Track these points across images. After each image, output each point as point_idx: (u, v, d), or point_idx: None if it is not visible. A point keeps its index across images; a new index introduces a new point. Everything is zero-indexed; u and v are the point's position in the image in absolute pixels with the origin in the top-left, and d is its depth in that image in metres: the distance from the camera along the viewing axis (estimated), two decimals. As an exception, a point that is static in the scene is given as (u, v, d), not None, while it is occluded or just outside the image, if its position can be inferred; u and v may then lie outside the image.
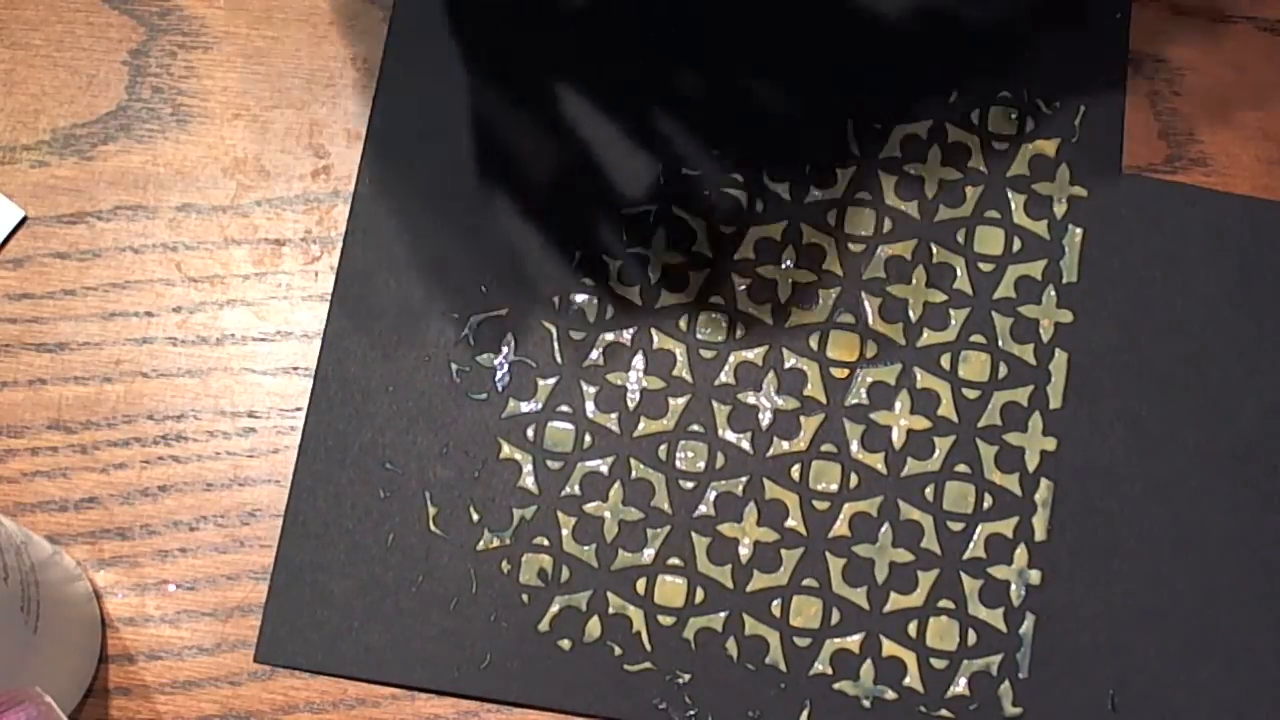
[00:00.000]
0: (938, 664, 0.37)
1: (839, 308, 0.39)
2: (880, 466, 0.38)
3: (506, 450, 0.38)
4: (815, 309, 0.39)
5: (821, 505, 0.38)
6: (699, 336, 0.39)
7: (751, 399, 0.39)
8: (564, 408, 0.38)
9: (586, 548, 0.38)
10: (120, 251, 0.40)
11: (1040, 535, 0.38)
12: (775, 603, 0.37)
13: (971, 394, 0.39)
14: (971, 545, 0.38)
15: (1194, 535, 0.38)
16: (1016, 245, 0.40)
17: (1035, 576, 0.38)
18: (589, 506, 0.38)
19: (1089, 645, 0.37)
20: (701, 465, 0.38)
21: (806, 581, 0.37)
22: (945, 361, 0.39)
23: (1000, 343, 0.39)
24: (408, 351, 0.39)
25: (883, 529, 0.38)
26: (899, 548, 0.38)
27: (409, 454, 0.38)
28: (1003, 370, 0.39)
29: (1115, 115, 0.41)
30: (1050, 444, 0.38)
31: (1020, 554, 0.38)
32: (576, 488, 0.38)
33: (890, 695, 0.37)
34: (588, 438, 0.38)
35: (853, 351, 0.39)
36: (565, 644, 0.37)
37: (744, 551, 0.38)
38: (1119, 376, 0.39)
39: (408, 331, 0.39)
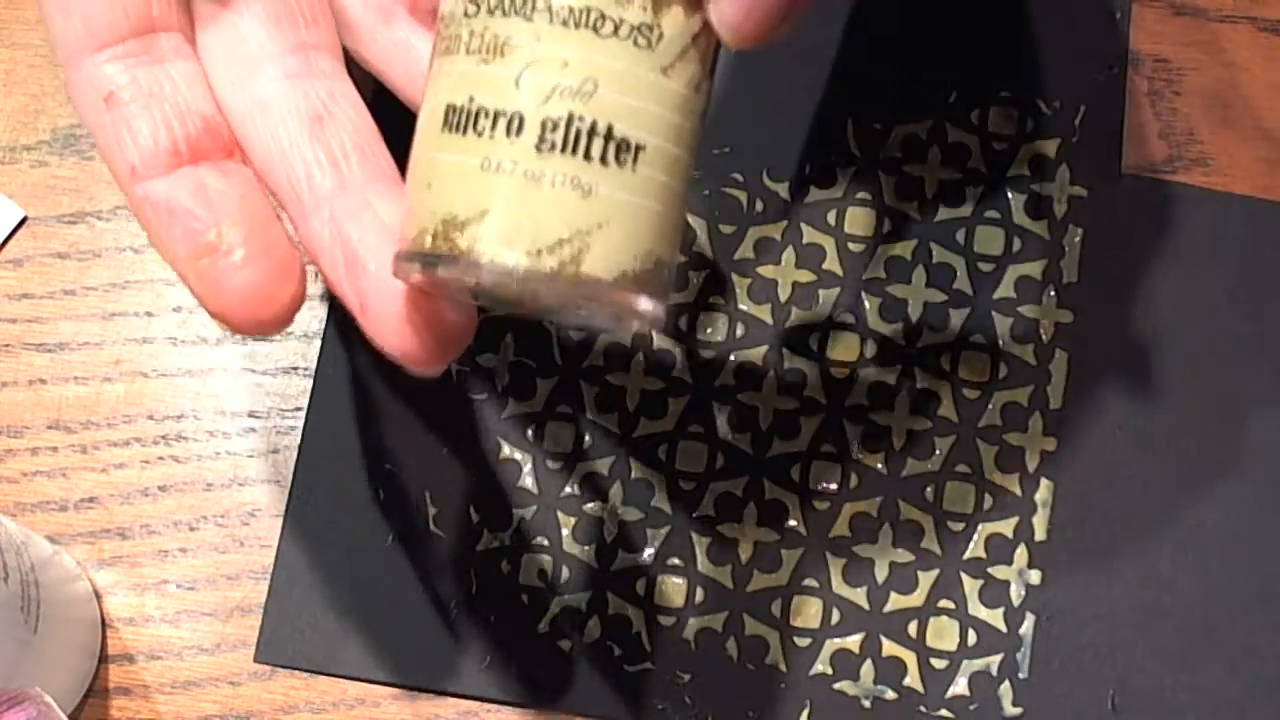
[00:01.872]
0: (938, 664, 0.37)
1: (839, 308, 0.39)
2: (880, 466, 0.38)
3: (506, 450, 0.38)
4: (815, 308, 0.39)
5: (821, 505, 0.38)
6: (699, 337, 0.39)
7: (752, 399, 0.39)
8: (564, 408, 0.38)
9: (586, 548, 0.38)
10: (120, 251, 0.40)
11: (1040, 535, 0.38)
12: (775, 603, 0.37)
13: (971, 394, 0.39)
14: (971, 545, 0.38)
15: (1194, 535, 0.38)
16: (1016, 245, 0.40)
17: (1035, 576, 0.38)
18: (589, 506, 0.38)
19: (1089, 645, 0.37)
20: (701, 465, 0.38)
21: (806, 581, 0.37)
22: (945, 361, 0.39)
23: (1000, 343, 0.39)
24: (408, 351, 0.39)
25: (883, 529, 0.38)
26: (899, 548, 0.38)
27: (409, 454, 0.38)
28: (1003, 370, 0.39)
29: (1115, 115, 0.41)
30: (1050, 444, 0.38)
31: (1020, 554, 0.38)
32: (576, 488, 0.38)
33: (890, 695, 0.37)
34: (588, 438, 0.38)
35: (853, 351, 0.39)
36: (565, 644, 0.37)
37: (744, 551, 0.38)
38: (1119, 376, 0.39)
39: (408, 331, 0.39)
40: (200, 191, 0.25)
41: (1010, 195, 0.40)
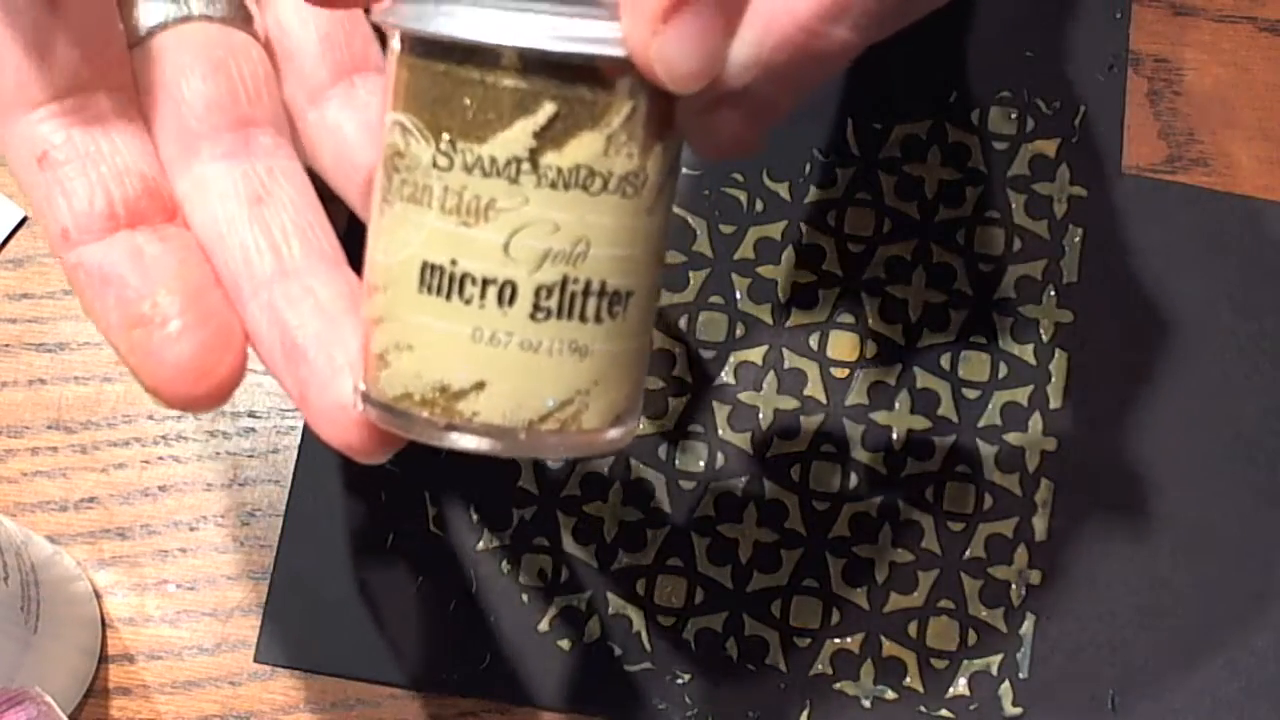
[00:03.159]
0: (938, 664, 0.37)
1: (839, 308, 0.39)
2: (880, 466, 0.38)
3: (506, 450, 0.38)
4: (815, 309, 0.39)
5: (821, 505, 0.38)
6: (699, 336, 0.39)
7: (752, 400, 0.39)
8: (564, 408, 0.38)
9: (586, 548, 0.38)
10: (120, 251, 0.40)
11: (1040, 535, 0.38)
12: (775, 603, 0.37)
13: (971, 394, 0.39)
14: (971, 545, 0.38)
15: (1194, 535, 0.38)
16: (1016, 245, 0.40)
17: (1035, 576, 0.38)
18: (589, 506, 0.38)
19: (1089, 645, 0.37)
20: (701, 465, 0.38)
21: (806, 581, 0.37)
22: (945, 361, 0.39)
23: (1000, 343, 0.39)
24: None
25: (883, 529, 0.38)
26: (899, 548, 0.38)
27: (409, 454, 0.38)
28: (1003, 370, 0.39)
29: (1115, 115, 0.41)
30: (1050, 444, 0.38)
31: (1020, 554, 0.38)
32: (576, 488, 0.38)
33: (890, 695, 0.37)
34: (588, 438, 0.38)
35: (853, 351, 0.39)
36: (565, 644, 0.37)
37: (744, 551, 0.38)
38: (1119, 376, 0.39)
39: (408, 331, 0.39)
40: (136, 258, 0.24)
41: (1010, 195, 0.40)
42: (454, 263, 0.21)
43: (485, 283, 0.21)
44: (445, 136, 0.21)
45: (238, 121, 0.25)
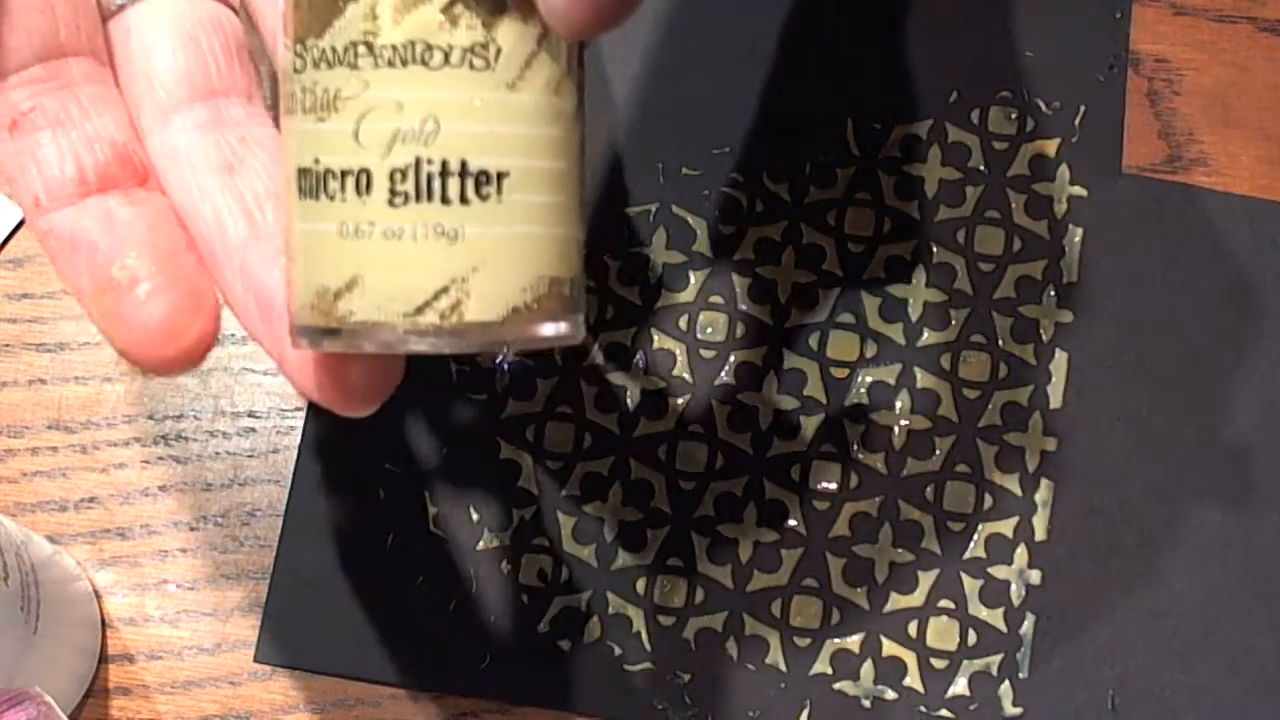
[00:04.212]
0: (938, 664, 0.37)
1: (839, 308, 0.39)
2: (880, 466, 0.38)
3: (506, 450, 0.38)
4: (815, 309, 0.39)
5: (821, 505, 0.38)
6: (699, 336, 0.39)
7: (752, 399, 0.39)
8: (564, 408, 0.38)
9: (586, 548, 0.38)
10: (120, 251, 0.40)
11: (1040, 535, 0.38)
12: (775, 603, 0.37)
13: (971, 394, 0.39)
14: (971, 545, 0.38)
15: (1194, 535, 0.38)
16: (1016, 245, 0.40)
17: (1035, 576, 0.38)
18: (589, 506, 0.38)
19: (1089, 645, 0.37)
20: (701, 465, 0.38)
21: (806, 581, 0.37)
22: (945, 361, 0.39)
23: (1000, 343, 0.39)
24: (408, 351, 0.39)
25: (883, 529, 0.38)
26: (899, 548, 0.38)
27: (409, 454, 0.38)
28: (1003, 370, 0.39)
29: (1115, 115, 0.41)
30: (1050, 444, 0.38)
31: (1020, 554, 0.38)
32: (576, 488, 0.38)
33: (890, 695, 0.37)
34: (587, 438, 0.38)
35: (853, 351, 0.39)
36: (565, 644, 0.37)
37: (744, 551, 0.38)
38: (1119, 376, 0.39)
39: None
40: (106, 222, 0.24)
41: (1010, 195, 0.40)
42: (317, 161, 0.22)
43: (344, 175, 0.21)
44: (298, 41, 0.22)
45: (208, 93, 0.26)
